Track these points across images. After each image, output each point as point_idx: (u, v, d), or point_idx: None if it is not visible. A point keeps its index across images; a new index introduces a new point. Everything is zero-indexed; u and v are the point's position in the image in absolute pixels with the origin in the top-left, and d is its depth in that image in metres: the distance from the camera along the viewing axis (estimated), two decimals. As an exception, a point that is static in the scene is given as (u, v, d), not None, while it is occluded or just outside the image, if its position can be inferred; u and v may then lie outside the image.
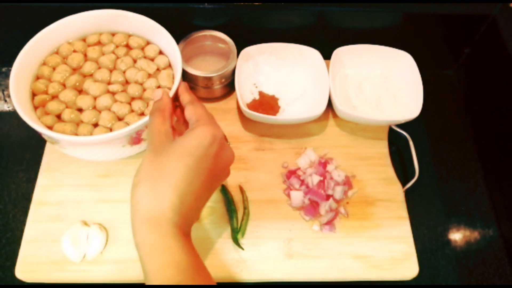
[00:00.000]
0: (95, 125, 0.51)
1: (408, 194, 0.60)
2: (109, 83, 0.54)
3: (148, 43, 0.58)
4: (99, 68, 0.55)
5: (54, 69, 0.54)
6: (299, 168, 0.60)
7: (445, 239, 0.60)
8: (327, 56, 0.64)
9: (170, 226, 0.36)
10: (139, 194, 0.38)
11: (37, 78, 0.54)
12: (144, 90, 0.54)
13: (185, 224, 0.38)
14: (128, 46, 0.58)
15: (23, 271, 0.52)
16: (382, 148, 0.63)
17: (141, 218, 0.37)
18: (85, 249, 0.53)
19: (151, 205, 0.37)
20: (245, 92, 0.65)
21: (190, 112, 0.44)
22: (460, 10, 0.64)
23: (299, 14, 0.65)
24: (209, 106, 0.65)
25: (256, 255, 0.54)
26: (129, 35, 0.58)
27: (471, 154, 0.68)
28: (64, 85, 0.54)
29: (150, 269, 0.36)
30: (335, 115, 0.65)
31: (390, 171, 0.61)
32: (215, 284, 0.39)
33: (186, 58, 0.62)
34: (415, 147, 0.61)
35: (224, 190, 0.57)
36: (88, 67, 0.55)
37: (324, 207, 0.56)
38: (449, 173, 0.66)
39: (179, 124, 0.48)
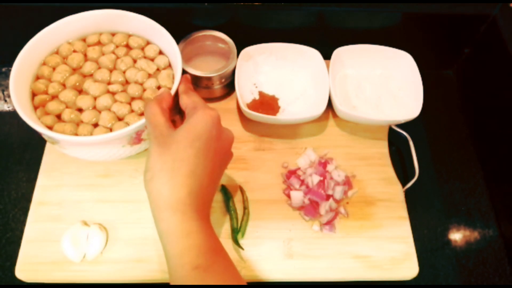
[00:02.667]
0: (95, 125, 0.51)
1: (408, 194, 0.60)
2: (109, 83, 0.54)
3: (148, 43, 0.58)
4: (99, 68, 0.55)
5: (54, 69, 0.54)
6: (299, 168, 0.60)
7: (445, 239, 0.60)
8: (327, 56, 0.64)
9: (191, 211, 0.38)
10: (158, 187, 0.38)
11: (37, 78, 0.54)
12: (144, 90, 0.54)
13: (204, 208, 0.40)
14: (128, 46, 0.58)
15: (23, 271, 0.52)
16: (382, 148, 0.63)
17: (164, 207, 0.38)
18: (85, 249, 0.53)
19: (171, 194, 0.38)
20: (245, 92, 0.65)
21: (185, 100, 0.45)
22: (460, 10, 0.64)
23: (299, 14, 0.65)
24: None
25: (256, 255, 0.54)
26: (129, 35, 0.58)
27: (471, 154, 0.68)
28: (64, 85, 0.54)
29: (172, 255, 0.37)
30: (335, 115, 0.65)
31: (390, 171, 0.61)
32: (234, 266, 0.40)
33: (186, 58, 0.62)
34: (415, 147, 0.61)
35: (224, 190, 0.57)
36: (88, 67, 0.55)
37: (324, 207, 0.56)
38: (449, 173, 0.66)
39: (173, 113, 0.48)
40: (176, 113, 0.49)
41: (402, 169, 0.64)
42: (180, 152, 0.39)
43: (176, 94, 0.49)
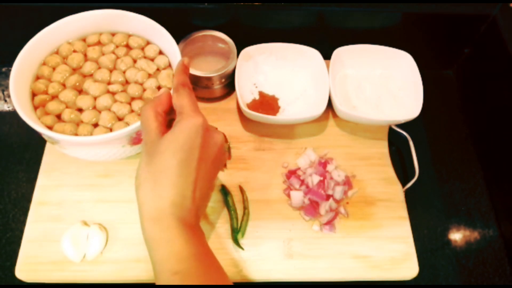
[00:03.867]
0: (95, 125, 0.51)
1: (408, 194, 0.60)
2: (109, 83, 0.54)
3: (148, 43, 0.58)
4: (99, 68, 0.55)
5: (54, 69, 0.54)
6: (299, 168, 0.60)
7: (445, 239, 0.60)
8: (327, 56, 0.64)
9: (172, 220, 0.38)
10: (142, 196, 0.40)
11: (37, 78, 0.54)
12: (144, 90, 0.54)
13: (190, 216, 0.40)
14: (128, 46, 0.58)
15: (23, 271, 0.52)
16: (382, 148, 0.63)
17: (147, 217, 0.39)
18: (85, 249, 0.53)
19: (153, 204, 0.39)
20: (245, 92, 0.65)
21: (175, 102, 0.44)
22: (460, 10, 0.64)
23: (299, 14, 0.65)
24: (209, 106, 0.66)
25: (256, 255, 0.54)
26: (129, 35, 0.58)
27: (471, 154, 0.68)
28: (64, 85, 0.54)
29: (155, 262, 0.38)
30: (335, 115, 0.65)
31: (390, 171, 0.61)
32: (218, 270, 0.40)
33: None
34: (415, 147, 0.61)
35: (224, 190, 0.57)
36: (88, 67, 0.55)
37: (324, 207, 0.56)
38: (449, 173, 0.66)
39: (174, 112, 0.47)
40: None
41: (402, 169, 0.64)
42: (162, 163, 0.39)
43: None
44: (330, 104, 0.62)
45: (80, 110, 0.52)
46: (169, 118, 0.45)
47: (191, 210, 0.40)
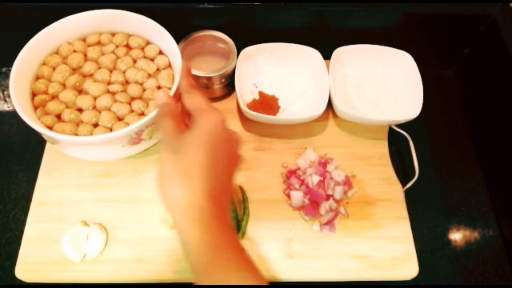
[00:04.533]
0: (95, 125, 0.51)
1: (408, 194, 0.60)
2: (109, 83, 0.54)
3: (148, 43, 0.58)
4: (99, 68, 0.55)
5: (54, 69, 0.54)
6: (299, 168, 0.60)
7: (445, 239, 0.60)
8: (327, 56, 0.64)
9: (203, 213, 0.38)
10: (172, 191, 0.39)
11: (37, 78, 0.54)
12: (144, 90, 0.54)
13: (218, 208, 0.39)
14: (128, 46, 0.58)
15: (23, 271, 0.52)
16: (382, 148, 0.63)
17: (179, 211, 0.38)
18: (85, 249, 0.53)
19: (185, 198, 0.38)
20: (245, 92, 0.65)
21: (188, 101, 0.44)
22: (460, 10, 0.64)
23: (299, 14, 0.65)
24: (209, 106, 0.66)
25: (256, 255, 0.54)
26: (129, 35, 0.58)
27: (471, 154, 0.68)
28: (64, 85, 0.54)
29: (187, 251, 0.38)
30: (335, 115, 0.65)
31: (390, 171, 0.61)
32: (249, 259, 0.40)
33: (186, 58, 0.62)
34: (415, 147, 0.61)
35: (224, 190, 0.57)
36: (88, 67, 0.55)
37: (324, 207, 0.56)
38: (449, 173, 0.66)
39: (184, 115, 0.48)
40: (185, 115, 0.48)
41: (402, 169, 0.64)
42: (189, 156, 0.39)
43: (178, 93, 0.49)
44: (330, 104, 0.62)
45: (80, 110, 0.52)
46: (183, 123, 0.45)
47: (219, 202, 0.39)
